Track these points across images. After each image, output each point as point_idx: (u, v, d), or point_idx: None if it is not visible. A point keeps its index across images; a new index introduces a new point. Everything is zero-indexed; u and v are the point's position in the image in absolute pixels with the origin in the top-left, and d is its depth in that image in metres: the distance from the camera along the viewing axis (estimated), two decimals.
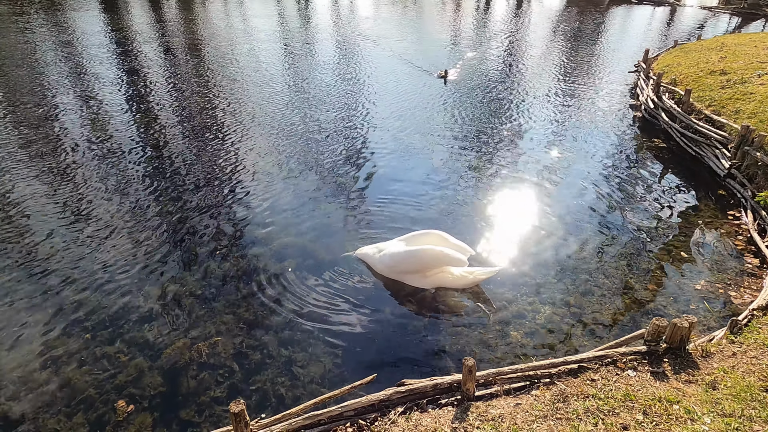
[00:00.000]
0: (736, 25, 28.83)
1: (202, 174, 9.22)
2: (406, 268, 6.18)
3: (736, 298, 6.02)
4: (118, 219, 7.64)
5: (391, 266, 6.23)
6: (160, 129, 11.46)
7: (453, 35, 25.17)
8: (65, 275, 6.30)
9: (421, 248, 6.09)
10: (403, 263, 6.14)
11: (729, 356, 4.30)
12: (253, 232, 7.36)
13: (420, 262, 6.07)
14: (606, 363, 4.23)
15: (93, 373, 4.91)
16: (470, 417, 3.68)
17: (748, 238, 7.35)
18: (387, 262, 6.25)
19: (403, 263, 6.15)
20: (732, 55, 13.37)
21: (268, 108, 13.02)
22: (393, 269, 6.25)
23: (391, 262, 6.21)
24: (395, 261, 6.18)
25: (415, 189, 8.77)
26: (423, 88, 15.16)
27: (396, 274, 6.29)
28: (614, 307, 5.93)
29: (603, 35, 25.30)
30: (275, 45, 21.37)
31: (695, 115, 10.79)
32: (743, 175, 8.62)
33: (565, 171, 9.73)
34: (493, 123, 12.30)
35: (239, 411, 3.38)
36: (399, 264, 6.17)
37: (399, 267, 6.19)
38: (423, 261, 6.06)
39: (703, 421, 3.52)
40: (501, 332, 5.50)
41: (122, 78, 15.42)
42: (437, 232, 6.40)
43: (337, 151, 10.37)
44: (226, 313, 5.74)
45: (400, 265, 6.17)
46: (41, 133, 10.87)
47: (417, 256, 6.05)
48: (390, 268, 6.27)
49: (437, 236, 6.35)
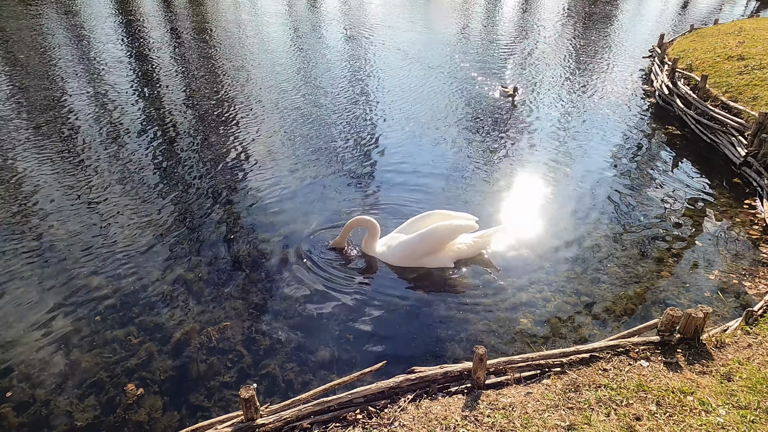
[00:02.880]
0: (754, 9, 28.15)
1: (211, 159, 9.19)
2: (423, 251, 6.16)
3: (750, 289, 5.92)
4: (127, 203, 7.63)
5: (407, 254, 6.19)
6: (170, 112, 11.42)
7: (454, 24, 24.78)
8: (75, 258, 6.32)
9: (433, 226, 6.11)
10: (420, 246, 6.12)
11: (744, 347, 4.24)
12: (263, 218, 7.34)
13: (436, 239, 6.10)
14: (618, 352, 4.18)
15: (104, 355, 4.94)
16: (481, 405, 3.65)
17: (764, 228, 7.22)
18: (402, 252, 6.21)
19: (419, 247, 6.12)
20: (750, 39, 13.05)
21: (280, 93, 12.92)
22: (410, 256, 6.21)
23: (405, 250, 6.17)
24: (410, 247, 6.15)
25: (425, 176, 8.68)
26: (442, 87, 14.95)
27: (413, 260, 6.25)
28: (626, 296, 5.87)
29: (616, 19, 24.80)
30: (306, 34, 21.15)
31: (711, 101, 10.57)
32: (760, 164, 8.44)
33: (576, 158, 9.59)
34: (502, 108, 12.12)
35: (249, 396, 3.38)
36: (415, 249, 6.14)
37: (416, 252, 6.16)
38: (439, 238, 6.10)
39: (718, 413, 3.47)
40: (511, 320, 5.46)
41: (131, 62, 15.35)
42: (437, 211, 6.44)
43: (348, 141, 10.29)
44: (235, 297, 5.74)
45: (416, 249, 6.15)
46: (51, 116, 10.86)
47: (432, 236, 6.07)
48: (406, 257, 6.22)
49: (439, 214, 6.40)
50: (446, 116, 11.53)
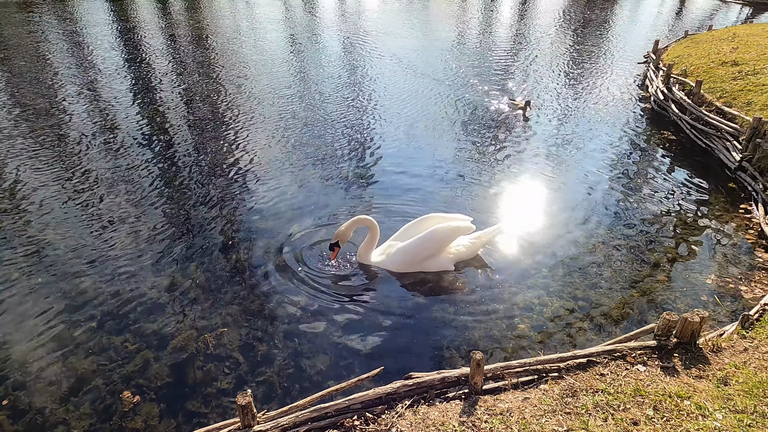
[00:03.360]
0: (748, 15, 28.37)
1: (208, 164, 9.19)
2: (425, 254, 6.18)
3: (746, 293, 5.95)
4: (123, 208, 7.62)
5: (408, 259, 6.19)
6: (166, 117, 11.43)
7: (450, 30, 24.92)
8: (71, 264, 6.30)
9: (432, 229, 6.13)
10: (421, 250, 6.13)
11: (740, 351, 4.25)
12: (259, 224, 7.34)
13: (437, 241, 6.12)
14: (615, 357, 4.19)
15: (100, 362, 4.91)
16: (478, 411, 3.65)
17: (759, 232, 7.26)
18: (402, 257, 6.20)
19: (420, 250, 6.13)
20: (744, 45, 13.17)
21: (278, 98, 12.95)
22: (411, 261, 6.22)
23: (406, 254, 6.17)
24: (411, 252, 6.15)
25: (421, 180, 8.70)
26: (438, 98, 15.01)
27: (414, 265, 6.25)
28: (623, 301, 5.88)
29: (611, 25, 24.98)
30: (303, 38, 21.22)
31: (706, 106, 10.65)
32: (755, 168, 8.50)
33: (572, 163, 9.63)
34: (498, 113, 12.18)
35: (246, 403, 3.37)
36: (417, 253, 6.15)
37: (418, 255, 6.17)
38: (439, 240, 6.12)
39: (715, 417, 3.47)
40: (508, 326, 5.46)
41: (129, 68, 15.37)
42: (432, 215, 6.46)
43: (346, 147, 10.31)
44: (232, 304, 5.73)
45: (418, 253, 6.15)
46: (47, 122, 10.85)
47: (432, 238, 6.09)
48: (407, 262, 6.22)
49: (434, 217, 6.42)
50: (443, 122, 11.57)
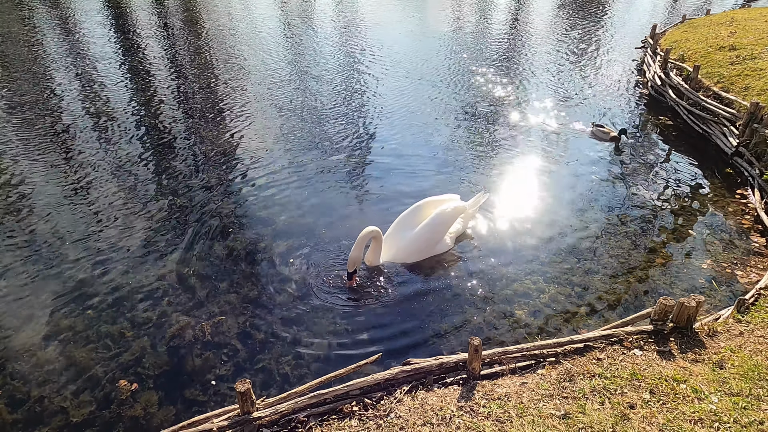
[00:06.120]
0: None
1: (205, 153, 9.13)
2: (436, 238, 6.22)
3: (742, 278, 5.98)
4: (121, 198, 7.58)
5: (421, 247, 6.17)
6: (162, 108, 11.32)
7: (445, 19, 24.67)
8: (68, 253, 6.27)
9: (437, 212, 6.17)
10: (432, 236, 6.15)
11: (736, 335, 4.28)
12: (257, 212, 7.31)
13: (445, 224, 6.23)
14: (612, 342, 4.21)
15: (98, 351, 4.91)
16: (476, 396, 3.67)
17: (755, 217, 7.28)
18: (416, 245, 6.14)
19: (432, 236, 6.15)
20: (742, 30, 13.08)
21: (273, 87, 12.83)
22: (424, 248, 6.20)
23: (419, 242, 6.13)
24: (423, 239, 6.13)
25: (418, 168, 8.67)
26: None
27: (427, 251, 6.24)
28: (619, 286, 5.90)
29: (608, 10, 24.78)
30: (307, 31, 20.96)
31: (703, 92, 10.61)
32: (751, 153, 8.50)
33: (569, 150, 9.61)
34: (495, 98, 12.11)
35: (245, 390, 3.38)
36: (430, 239, 6.16)
37: (431, 241, 6.18)
38: (446, 222, 6.23)
39: (711, 400, 3.50)
40: (506, 311, 5.48)
41: (123, 58, 15.19)
42: (426, 200, 6.47)
43: (342, 135, 10.24)
44: (229, 292, 5.72)
45: (431, 239, 6.17)
46: (43, 113, 10.74)
47: (441, 222, 6.16)
48: (421, 251, 6.20)
49: (430, 202, 6.43)
50: (442, 110, 11.50)
